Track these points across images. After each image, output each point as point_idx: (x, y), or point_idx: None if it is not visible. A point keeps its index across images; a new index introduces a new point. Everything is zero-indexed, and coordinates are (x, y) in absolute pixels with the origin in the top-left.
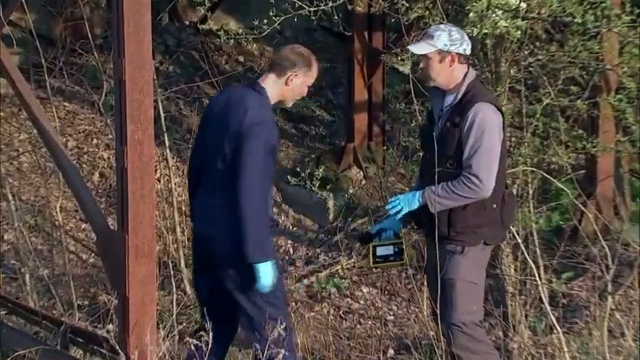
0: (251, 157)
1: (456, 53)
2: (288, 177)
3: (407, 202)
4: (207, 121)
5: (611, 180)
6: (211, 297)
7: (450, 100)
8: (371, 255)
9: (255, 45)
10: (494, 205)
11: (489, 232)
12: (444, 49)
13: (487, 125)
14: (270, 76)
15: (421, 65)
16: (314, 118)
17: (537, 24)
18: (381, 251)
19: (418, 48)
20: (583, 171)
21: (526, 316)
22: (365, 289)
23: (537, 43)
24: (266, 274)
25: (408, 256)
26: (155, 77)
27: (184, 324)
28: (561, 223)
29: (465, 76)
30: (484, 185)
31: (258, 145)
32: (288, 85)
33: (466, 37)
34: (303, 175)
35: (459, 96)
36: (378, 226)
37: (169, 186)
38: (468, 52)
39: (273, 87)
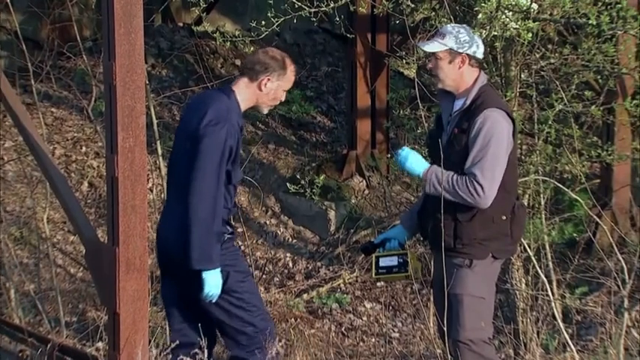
0: (203, 158)
1: (467, 55)
2: (288, 186)
3: (412, 161)
4: (177, 129)
5: (627, 190)
6: (178, 301)
7: (459, 104)
8: (373, 266)
9: (252, 48)
10: (504, 217)
11: (498, 246)
12: (454, 48)
13: (495, 133)
14: (242, 80)
15: (429, 65)
16: (314, 124)
17: (549, 26)
18: (384, 262)
19: (429, 46)
20: (598, 180)
21: (538, 333)
22: (368, 305)
23: (549, 46)
24: (211, 282)
25: (413, 267)
26: (147, 82)
27: (177, 342)
28: (575, 235)
29: (476, 80)
30: (484, 195)
31: (212, 147)
32: (262, 90)
33: (478, 40)
34: (302, 184)
35: (469, 101)
36: (382, 236)
37: (162, 196)
38: (480, 55)
39: (245, 91)
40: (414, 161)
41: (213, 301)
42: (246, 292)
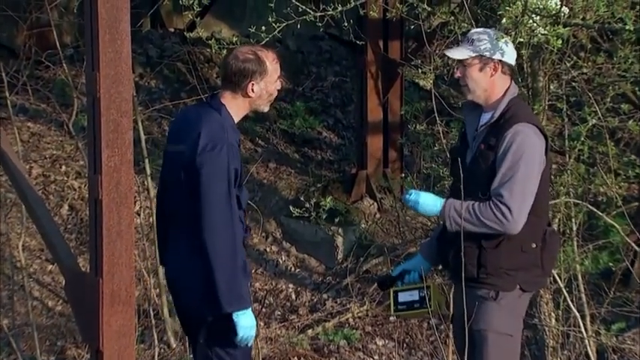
0: (208, 190)
1: (499, 61)
2: (290, 209)
3: (425, 202)
4: (165, 151)
5: None
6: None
7: (486, 118)
8: (392, 301)
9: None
10: (534, 245)
11: (527, 277)
12: (485, 54)
13: (526, 150)
14: (226, 93)
15: (457, 74)
16: (320, 140)
17: (581, 31)
18: (403, 297)
19: (457, 52)
20: (636, 203)
21: None
22: (380, 342)
23: (581, 54)
24: (245, 324)
25: (435, 302)
26: (135, 93)
27: None
28: (611, 264)
29: (507, 91)
30: (514, 220)
31: (215, 175)
32: (251, 96)
33: (510, 45)
34: (307, 207)
35: (497, 114)
36: (400, 268)
37: (151, 220)
38: (512, 61)
39: (235, 103)
40: (426, 201)
41: (250, 344)
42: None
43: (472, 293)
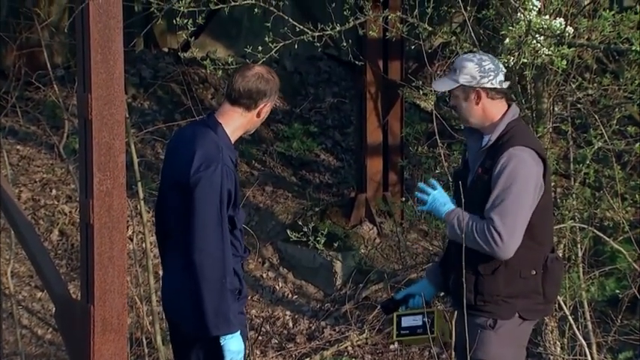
0: (200, 210)
1: (481, 88)
2: (288, 234)
3: (435, 203)
4: (162, 167)
5: None
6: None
7: (485, 141)
8: (394, 326)
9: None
10: (534, 272)
11: (526, 305)
12: (466, 84)
13: (520, 174)
14: (233, 110)
15: (451, 103)
16: (318, 163)
17: (587, 52)
18: (407, 322)
19: (440, 84)
20: None
21: None
22: None
23: (587, 75)
24: (232, 348)
25: (439, 328)
26: (127, 115)
27: None
28: (618, 291)
29: (505, 113)
30: (504, 246)
31: (208, 196)
32: (260, 117)
33: (499, 66)
34: (304, 231)
35: (494, 137)
36: (404, 292)
37: (144, 246)
38: (497, 84)
39: (238, 121)
40: (440, 199)
41: None
42: None
43: (471, 321)
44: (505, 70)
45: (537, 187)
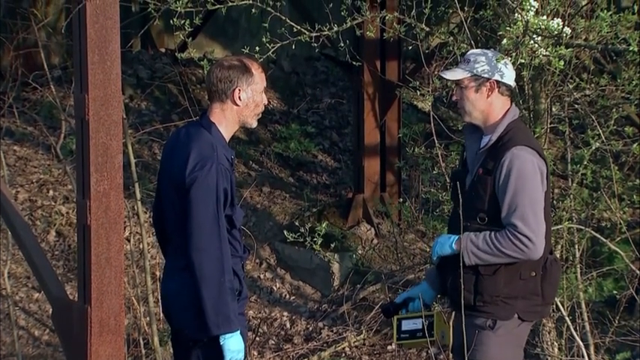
0: (196, 210)
1: (496, 81)
2: (285, 235)
3: (439, 246)
4: (159, 170)
5: None
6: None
7: (485, 141)
8: (395, 329)
9: None
10: (533, 273)
11: (525, 306)
12: (481, 74)
13: (528, 173)
14: (214, 106)
15: (454, 97)
16: (315, 164)
17: (584, 52)
18: (407, 325)
19: (453, 73)
20: None
21: None
22: None
23: (584, 76)
24: (232, 347)
25: (439, 331)
26: (125, 116)
27: None
28: (615, 292)
29: (506, 113)
30: (535, 246)
31: (203, 195)
32: (239, 104)
33: (510, 66)
34: (302, 232)
35: (495, 137)
36: (404, 295)
37: (141, 247)
38: (510, 81)
39: (223, 116)
40: (438, 243)
41: None
42: None
43: (470, 322)
44: (513, 70)
45: (543, 183)
